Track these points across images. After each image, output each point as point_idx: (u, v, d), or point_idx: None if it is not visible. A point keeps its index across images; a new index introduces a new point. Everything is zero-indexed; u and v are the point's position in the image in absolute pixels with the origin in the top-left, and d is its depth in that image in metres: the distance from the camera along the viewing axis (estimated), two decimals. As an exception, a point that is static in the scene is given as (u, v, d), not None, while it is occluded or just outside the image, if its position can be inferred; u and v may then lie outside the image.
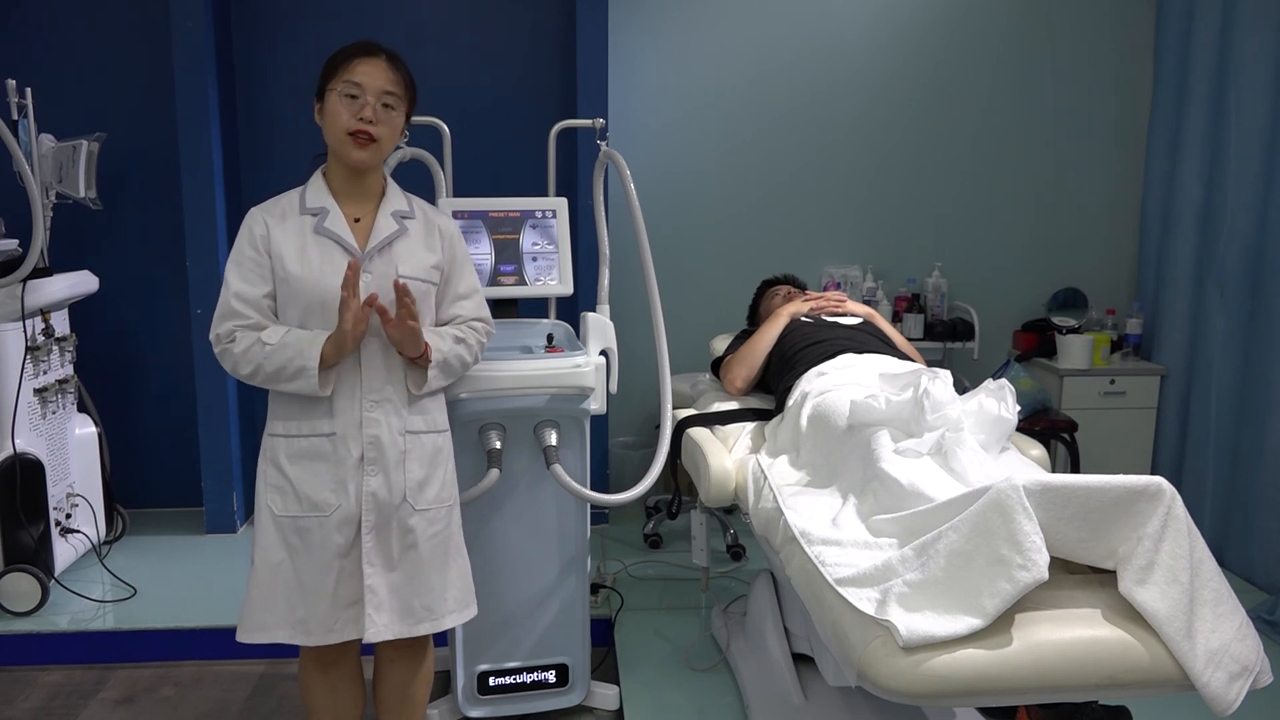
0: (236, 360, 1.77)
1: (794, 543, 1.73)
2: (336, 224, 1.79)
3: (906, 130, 3.82)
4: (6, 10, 3.41)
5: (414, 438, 1.84)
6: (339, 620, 1.80)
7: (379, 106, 1.77)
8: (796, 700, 2.23)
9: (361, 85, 1.76)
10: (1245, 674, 1.42)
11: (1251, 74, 3.19)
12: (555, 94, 3.61)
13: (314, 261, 1.77)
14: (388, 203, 1.86)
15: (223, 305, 1.78)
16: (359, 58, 1.78)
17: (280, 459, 1.81)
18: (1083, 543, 1.46)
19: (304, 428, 1.79)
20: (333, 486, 1.78)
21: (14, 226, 3.01)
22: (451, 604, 1.90)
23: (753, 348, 2.65)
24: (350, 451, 1.79)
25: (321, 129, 1.82)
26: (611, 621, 2.82)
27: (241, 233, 1.81)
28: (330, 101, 1.78)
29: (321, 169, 1.87)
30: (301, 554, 1.79)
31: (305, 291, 1.76)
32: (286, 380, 1.75)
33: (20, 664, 2.74)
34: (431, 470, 1.87)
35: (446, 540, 1.90)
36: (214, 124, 3.31)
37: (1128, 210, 3.93)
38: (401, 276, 1.79)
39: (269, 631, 1.79)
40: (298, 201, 1.83)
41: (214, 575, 3.13)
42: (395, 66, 1.81)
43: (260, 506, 1.83)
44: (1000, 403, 1.92)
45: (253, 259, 1.78)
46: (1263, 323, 3.13)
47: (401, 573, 1.83)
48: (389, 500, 1.80)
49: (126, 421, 3.65)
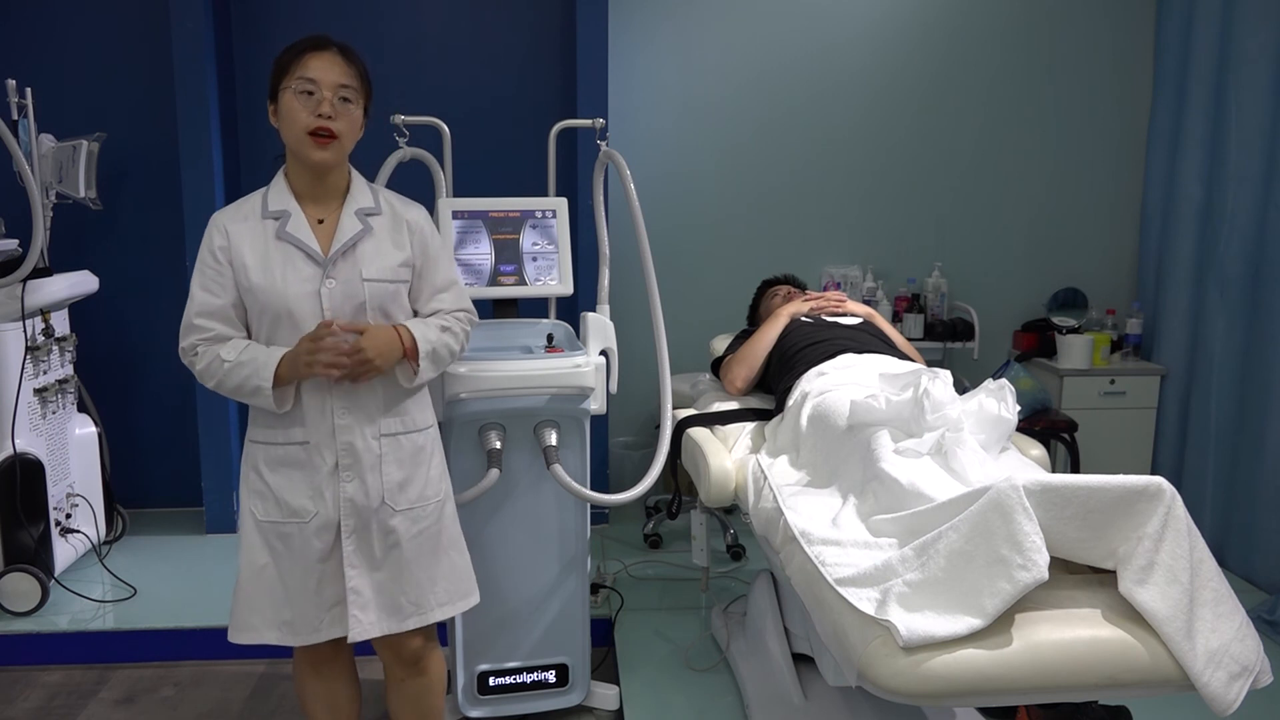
0: (200, 375, 1.76)
1: (794, 543, 1.73)
2: (299, 228, 1.75)
3: (906, 130, 3.82)
4: (6, 10, 3.41)
5: (390, 440, 1.81)
6: (324, 620, 1.80)
7: (336, 101, 1.72)
8: (796, 700, 2.23)
9: (316, 80, 1.70)
10: (1245, 674, 1.42)
11: (1251, 74, 3.19)
12: (555, 94, 3.61)
13: (276, 270, 1.72)
14: (351, 201, 1.81)
15: (185, 319, 1.76)
16: (310, 52, 1.73)
17: (260, 465, 1.80)
18: (1083, 543, 1.46)
19: (279, 435, 1.78)
20: (309, 494, 1.77)
21: (14, 226, 3.01)
22: (441, 596, 1.88)
23: (753, 348, 2.65)
24: (325, 459, 1.77)
25: (279, 131, 1.76)
26: (611, 621, 2.82)
27: (204, 241, 1.77)
28: (285, 101, 1.72)
29: (283, 169, 1.82)
30: (284, 558, 1.79)
31: (270, 302, 1.72)
32: (246, 396, 1.74)
33: (20, 664, 2.74)
34: (412, 470, 1.84)
35: (436, 536, 1.88)
36: (214, 124, 3.30)
37: (1128, 210, 3.93)
38: (366, 279, 1.76)
39: (257, 633, 1.79)
40: (260, 205, 1.78)
41: (214, 575, 3.13)
42: (349, 59, 1.76)
43: (243, 511, 1.83)
44: (1000, 403, 1.92)
45: (214, 269, 1.74)
46: (1263, 323, 3.13)
47: (386, 572, 1.81)
48: (367, 504, 1.78)
49: (126, 421, 3.65)
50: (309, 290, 1.73)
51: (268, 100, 1.78)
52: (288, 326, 1.73)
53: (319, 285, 1.74)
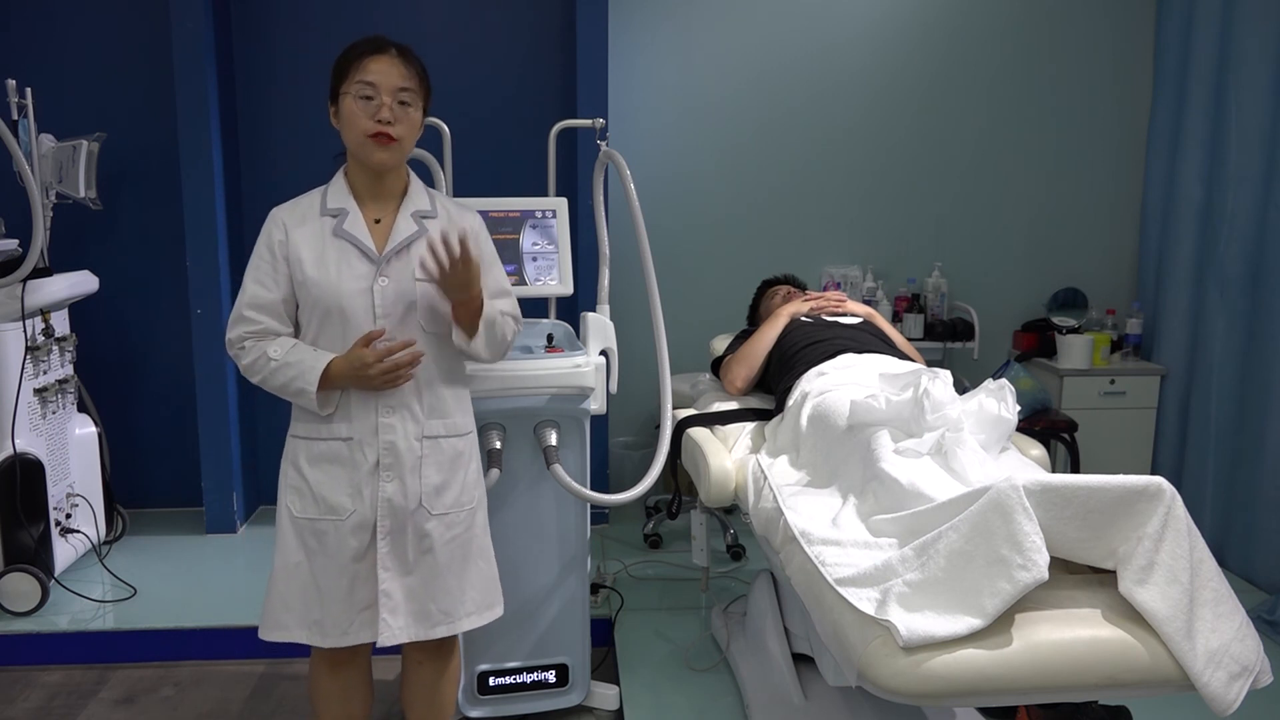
0: (245, 370, 1.79)
1: (794, 543, 1.73)
2: (355, 226, 1.78)
3: (906, 130, 3.82)
4: (6, 10, 3.41)
5: (432, 443, 1.82)
6: (354, 623, 1.80)
7: (395, 105, 1.73)
8: (796, 700, 2.23)
9: (375, 85, 1.72)
10: (1245, 674, 1.42)
11: (1251, 74, 3.19)
12: (555, 94, 3.61)
13: (331, 265, 1.75)
14: (409, 203, 1.83)
15: (235, 310, 1.79)
16: (369, 56, 1.74)
17: (300, 461, 1.81)
18: (1083, 543, 1.46)
19: (322, 431, 1.79)
20: (349, 491, 1.78)
21: (14, 226, 3.01)
22: (470, 606, 1.89)
23: (753, 347, 2.65)
24: (366, 457, 1.78)
25: (339, 132, 1.79)
26: (611, 621, 2.82)
27: (261, 235, 1.80)
28: (345, 104, 1.74)
29: (343, 169, 1.85)
30: (318, 556, 1.79)
31: (323, 296, 1.75)
32: (290, 396, 1.77)
33: (20, 664, 2.74)
34: (450, 475, 1.85)
35: (467, 543, 1.88)
36: (214, 124, 3.30)
37: (1128, 210, 3.93)
38: (419, 280, 1.78)
39: (288, 631, 1.80)
40: (319, 202, 1.81)
41: (214, 575, 3.13)
42: (407, 61, 1.77)
43: (280, 507, 1.83)
44: (1000, 403, 1.92)
45: (269, 263, 1.77)
46: (1263, 323, 3.13)
47: (418, 576, 1.82)
48: (404, 505, 1.79)
49: (126, 421, 3.65)
50: (362, 287, 1.75)
51: (328, 102, 1.80)
52: (338, 323, 1.75)
53: (372, 283, 1.76)
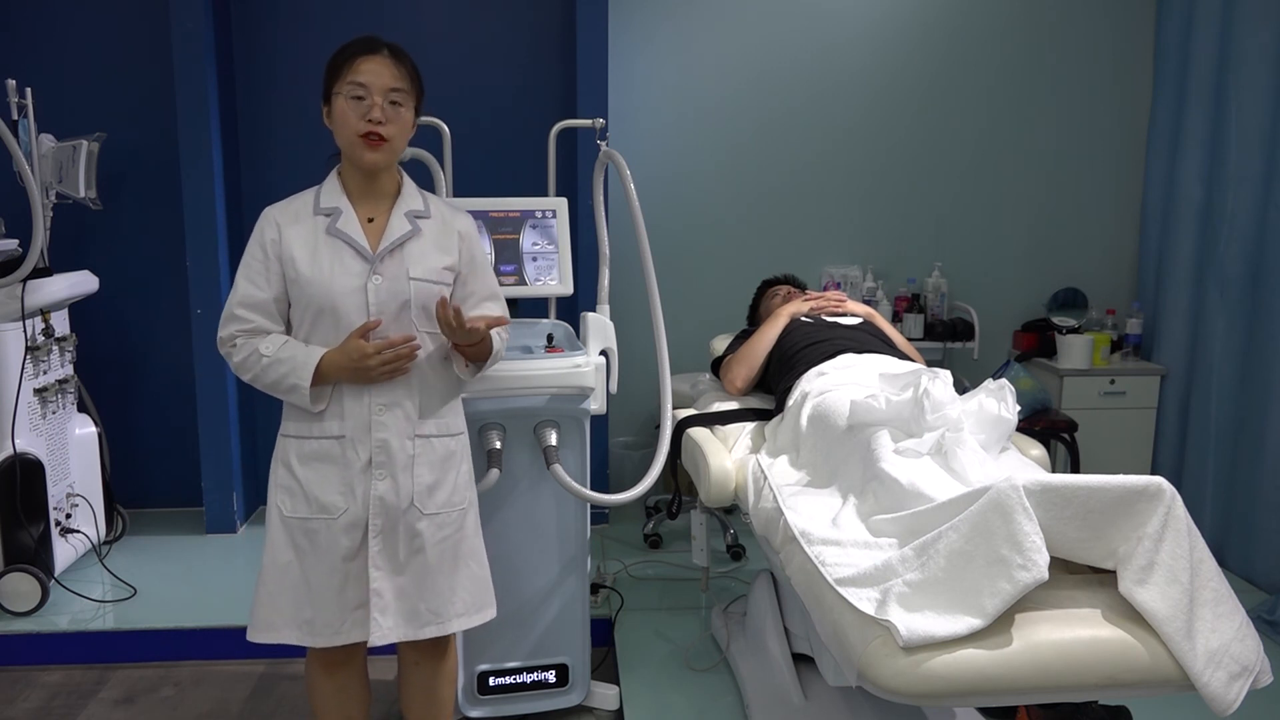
0: (236, 368, 1.80)
1: (794, 543, 1.73)
2: (349, 225, 1.78)
3: (906, 130, 3.82)
4: (6, 10, 3.41)
5: (424, 442, 1.83)
6: (345, 622, 1.80)
7: (386, 105, 1.74)
8: (796, 700, 2.23)
9: (366, 85, 1.73)
10: (1245, 674, 1.42)
11: (1251, 74, 3.19)
12: (555, 94, 3.61)
13: (325, 264, 1.76)
14: (402, 202, 1.84)
15: (227, 308, 1.79)
16: (361, 56, 1.75)
17: (290, 459, 1.81)
18: (1083, 543, 1.46)
19: (314, 429, 1.79)
20: (340, 489, 1.78)
21: (14, 226, 3.01)
22: (460, 607, 1.89)
23: (753, 348, 2.65)
24: (358, 455, 1.78)
25: (332, 132, 1.80)
26: (611, 621, 2.82)
27: (254, 234, 1.81)
28: (337, 105, 1.75)
29: (337, 169, 1.86)
30: (309, 555, 1.79)
31: (317, 295, 1.75)
32: (282, 393, 1.77)
33: (20, 664, 2.74)
34: (442, 474, 1.86)
35: (458, 544, 1.88)
36: (214, 124, 3.30)
37: (1128, 210, 3.93)
38: (413, 278, 1.78)
39: (277, 632, 1.79)
40: (312, 202, 1.82)
41: (214, 575, 3.13)
42: (399, 61, 1.78)
43: (270, 507, 1.83)
44: (1000, 403, 1.92)
45: (261, 262, 1.78)
46: (1263, 323, 3.13)
47: (408, 576, 1.82)
48: (396, 504, 1.79)
49: (126, 421, 3.65)
50: (355, 285, 1.76)
51: (322, 102, 1.81)
52: (330, 322, 1.76)
53: (365, 281, 1.76)
